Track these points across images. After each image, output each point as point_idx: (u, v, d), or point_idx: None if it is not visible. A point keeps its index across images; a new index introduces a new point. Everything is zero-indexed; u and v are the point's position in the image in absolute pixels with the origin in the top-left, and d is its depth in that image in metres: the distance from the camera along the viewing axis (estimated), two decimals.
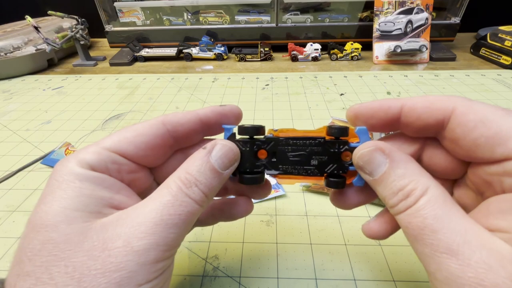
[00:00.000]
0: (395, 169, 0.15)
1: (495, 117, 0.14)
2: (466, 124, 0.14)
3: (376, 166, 0.15)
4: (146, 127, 0.17)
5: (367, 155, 0.16)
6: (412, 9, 0.65)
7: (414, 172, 0.15)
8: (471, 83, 0.56)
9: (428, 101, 0.15)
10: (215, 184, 0.16)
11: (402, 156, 0.15)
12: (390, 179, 0.15)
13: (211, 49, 0.71)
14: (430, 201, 0.13)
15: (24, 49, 0.68)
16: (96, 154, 0.15)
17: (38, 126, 0.48)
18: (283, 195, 0.32)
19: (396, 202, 0.14)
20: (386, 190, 0.15)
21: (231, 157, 0.17)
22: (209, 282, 0.24)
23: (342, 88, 0.56)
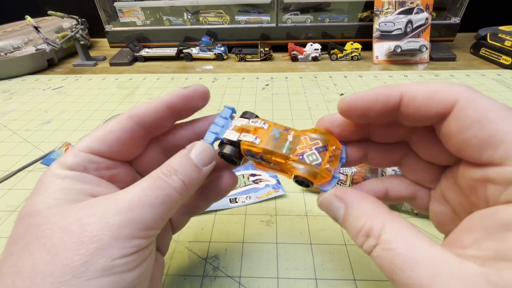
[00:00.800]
0: (350, 211, 0.15)
1: (495, 117, 0.12)
2: (463, 120, 0.13)
3: (336, 211, 0.16)
4: (114, 124, 0.18)
5: (325, 201, 0.17)
6: (412, 9, 0.65)
7: (368, 211, 0.15)
8: (471, 83, 0.56)
9: (429, 91, 0.14)
10: (194, 176, 0.17)
11: (356, 196, 0.16)
12: (349, 221, 0.15)
13: (211, 49, 0.71)
14: (390, 239, 0.13)
15: (24, 49, 0.68)
16: (74, 156, 0.17)
17: (38, 126, 0.48)
18: (283, 195, 0.32)
19: (361, 243, 0.14)
20: (350, 232, 0.15)
21: (209, 155, 0.18)
22: (209, 282, 0.24)
23: (342, 88, 0.56)
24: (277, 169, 0.19)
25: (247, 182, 0.33)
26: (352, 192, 0.16)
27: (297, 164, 0.17)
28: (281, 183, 0.33)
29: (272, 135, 0.19)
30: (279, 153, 0.18)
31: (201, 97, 0.20)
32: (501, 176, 0.12)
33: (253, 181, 0.33)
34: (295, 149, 0.18)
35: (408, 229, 0.13)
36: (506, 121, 0.12)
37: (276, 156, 0.18)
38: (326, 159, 0.17)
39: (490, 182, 0.13)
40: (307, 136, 0.19)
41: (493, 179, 0.13)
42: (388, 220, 0.14)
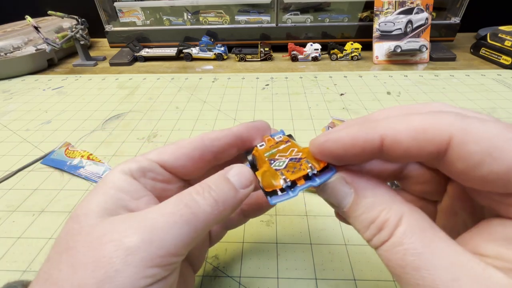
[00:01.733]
0: (362, 198, 0.13)
1: (505, 145, 0.10)
2: (469, 158, 0.11)
3: (341, 198, 0.14)
4: (186, 141, 0.18)
5: (329, 187, 0.14)
6: (412, 9, 0.65)
7: (383, 200, 0.13)
8: (471, 83, 0.56)
9: (414, 130, 0.12)
10: (230, 196, 0.15)
11: (369, 182, 0.14)
12: (359, 210, 0.13)
13: (211, 49, 0.71)
14: (407, 233, 0.12)
15: (24, 49, 0.68)
16: (138, 162, 0.17)
17: (38, 126, 0.48)
18: None
19: (370, 237, 0.13)
20: (358, 224, 0.13)
21: (248, 177, 0.17)
22: (209, 282, 0.24)
23: (342, 88, 0.56)
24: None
25: None
26: (364, 177, 0.14)
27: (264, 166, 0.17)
28: None
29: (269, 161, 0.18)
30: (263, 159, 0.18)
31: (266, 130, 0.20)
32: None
33: None
34: (275, 154, 0.18)
35: (427, 223, 0.12)
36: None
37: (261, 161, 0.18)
38: (289, 168, 0.16)
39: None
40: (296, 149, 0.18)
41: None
42: (406, 211, 0.12)
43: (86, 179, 0.36)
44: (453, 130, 0.11)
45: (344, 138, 0.13)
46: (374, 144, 0.13)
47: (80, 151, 0.40)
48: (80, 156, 0.39)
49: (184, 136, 0.43)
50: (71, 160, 0.38)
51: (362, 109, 0.48)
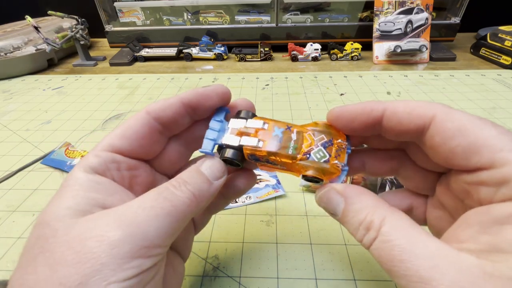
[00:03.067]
0: (351, 205, 0.15)
1: (472, 126, 0.14)
2: (444, 132, 0.14)
3: (335, 205, 0.16)
4: (132, 120, 0.18)
5: (324, 196, 0.17)
6: (412, 9, 0.65)
7: (368, 205, 0.15)
8: (471, 83, 0.56)
9: (409, 106, 0.15)
10: (205, 189, 0.16)
11: (356, 191, 0.16)
12: (349, 215, 0.15)
13: (211, 49, 0.71)
14: (390, 231, 0.13)
15: (24, 49, 0.68)
16: (96, 157, 0.16)
17: (38, 126, 0.48)
18: (283, 195, 0.32)
19: (361, 237, 0.15)
20: (350, 227, 0.15)
21: (220, 169, 0.18)
22: (209, 282, 0.24)
23: (342, 88, 0.56)
24: (284, 169, 0.18)
25: None
26: (351, 187, 0.16)
27: (305, 163, 0.17)
28: (281, 183, 0.33)
29: (275, 135, 0.18)
30: (285, 154, 0.18)
31: (218, 96, 0.19)
32: (492, 178, 0.13)
33: None
34: (300, 147, 0.18)
35: (407, 222, 0.14)
36: (483, 129, 0.13)
37: (282, 157, 0.18)
38: (333, 154, 0.17)
39: (482, 185, 0.14)
40: (310, 132, 0.18)
41: (485, 182, 0.13)
42: (388, 213, 0.14)
43: None
44: (437, 111, 0.15)
45: (356, 107, 0.17)
46: (377, 112, 0.16)
47: (80, 151, 0.40)
48: (80, 156, 0.39)
49: None
50: (71, 160, 0.38)
51: None
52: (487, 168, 0.13)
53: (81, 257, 0.12)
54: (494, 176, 0.13)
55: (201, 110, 0.19)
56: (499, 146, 0.13)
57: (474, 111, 0.46)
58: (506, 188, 0.13)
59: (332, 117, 0.18)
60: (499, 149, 0.13)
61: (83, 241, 0.13)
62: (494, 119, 0.44)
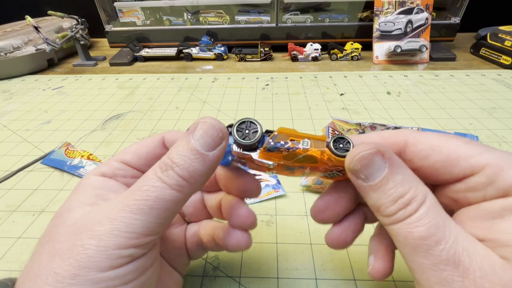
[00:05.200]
0: (394, 174, 0.14)
1: (441, 143, 0.15)
2: (419, 153, 0.15)
3: (375, 171, 0.14)
4: (148, 140, 0.19)
5: (367, 158, 0.14)
6: (412, 9, 0.65)
7: (412, 179, 0.14)
8: (471, 83, 0.56)
9: (382, 137, 0.17)
10: (198, 167, 0.15)
11: (400, 162, 0.15)
12: (389, 185, 0.14)
13: (211, 49, 0.71)
14: (430, 209, 0.13)
15: (24, 49, 0.68)
16: (107, 165, 0.18)
17: (38, 126, 0.48)
18: (283, 195, 0.32)
19: (395, 211, 0.14)
20: (384, 198, 0.14)
21: (215, 135, 0.15)
22: (209, 282, 0.24)
23: (342, 88, 0.56)
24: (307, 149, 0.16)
25: None
26: (396, 156, 0.15)
27: None
28: (281, 183, 0.33)
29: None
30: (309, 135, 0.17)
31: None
32: (477, 182, 0.14)
33: None
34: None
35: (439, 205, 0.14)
36: (450, 143, 0.15)
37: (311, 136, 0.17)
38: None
39: (470, 191, 0.14)
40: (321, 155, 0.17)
41: (472, 188, 0.14)
42: (429, 192, 0.14)
43: None
44: (407, 137, 0.16)
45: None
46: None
47: (80, 151, 0.40)
48: (80, 156, 0.39)
49: None
50: (71, 160, 0.38)
51: (362, 109, 0.48)
52: (470, 175, 0.14)
53: (73, 249, 0.13)
54: (478, 181, 0.14)
55: None
56: (469, 153, 0.14)
57: (474, 111, 0.46)
58: (493, 187, 0.14)
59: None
60: (470, 155, 0.14)
61: (78, 234, 0.14)
62: (494, 119, 0.44)
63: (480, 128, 0.42)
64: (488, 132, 0.41)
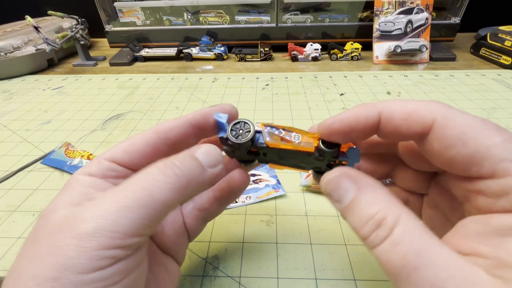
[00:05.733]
0: (363, 195, 0.14)
1: (474, 134, 0.13)
2: (444, 140, 0.13)
3: (344, 192, 0.14)
4: (138, 137, 0.18)
5: (334, 181, 0.15)
6: (412, 9, 0.65)
7: (383, 198, 0.14)
8: (471, 83, 0.56)
9: (406, 111, 0.14)
10: (196, 174, 0.15)
11: (370, 182, 0.14)
12: (358, 206, 0.14)
13: (211, 49, 0.71)
14: (406, 232, 0.12)
15: (24, 49, 0.68)
16: (97, 164, 0.17)
17: (38, 126, 0.48)
18: (283, 195, 0.32)
19: (368, 233, 0.13)
20: (356, 219, 0.14)
21: (216, 156, 0.17)
22: (209, 282, 0.24)
23: (342, 88, 0.56)
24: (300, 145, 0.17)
25: None
26: (366, 176, 0.15)
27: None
28: (281, 183, 0.33)
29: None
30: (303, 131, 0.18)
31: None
32: (491, 189, 0.13)
33: (253, 181, 0.33)
34: None
35: (421, 226, 0.13)
36: (485, 137, 0.13)
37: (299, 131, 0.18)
38: None
39: (481, 194, 0.13)
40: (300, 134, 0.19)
41: (484, 192, 0.13)
42: (404, 212, 0.13)
43: None
44: (437, 115, 0.14)
45: (349, 116, 0.15)
46: (374, 119, 0.15)
47: (80, 151, 0.40)
48: (80, 156, 0.39)
49: None
50: (71, 160, 0.38)
51: None
52: (487, 178, 0.13)
53: (54, 250, 0.13)
54: (493, 187, 0.12)
55: (209, 130, 0.19)
56: (502, 156, 0.12)
57: (474, 111, 0.46)
58: (505, 200, 0.12)
59: (325, 131, 0.16)
60: (501, 159, 0.12)
61: (60, 233, 0.13)
62: (494, 119, 0.44)
63: None
64: None
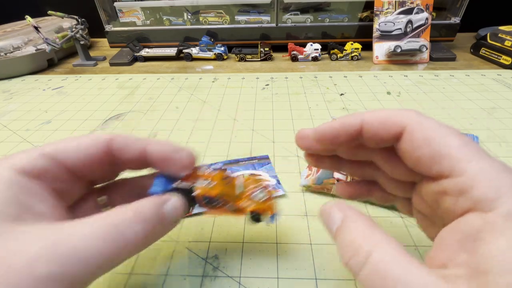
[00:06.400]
0: (347, 223, 0.15)
1: (437, 137, 0.14)
2: (412, 141, 0.15)
3: (333, 221, 0.16)
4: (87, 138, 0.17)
5: (327, 210, 0.17)
6: (412, 9, 0.65)
7: (364, 227, 0.15)
8: (471, 83, 0.56)
9: (384, 117, 0.16)
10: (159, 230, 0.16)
11: (356, 213, 0.16)
12: (342, 233, 0.15)
13: (211, 49, 0.71)
14: (384, 259, 0.13)
15: (24, 49, 0.68)
16: (34, 159, 0.15)
17: (38, 126, 0.48)
18: (283, 195, 0.32)
19: (348, 258, 0.14)
20: (339, 244, 0.15)
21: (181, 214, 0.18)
22: (209, 282, 0.24)
23: (342, 88, 0.56)
24: (231, 210, 0.21)
25: None
26: (353, 209, 0.16)
27: (248, 202, 0.21)
28: (281, 184, 0.33)
29: (224, 180, 0.21)
30: (234, 193, 0.21)
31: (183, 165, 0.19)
32: (451, 187, 0.14)
33: None
34: (245, 191, 0.22)
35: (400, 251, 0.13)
36: (446, 140, 0.14)
37: (231, 197, 0.21)
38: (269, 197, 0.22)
39: (445, 194, 0.14)
40: (251, 179, 0.23)
41: (447, 191, 0.14)
42: (380, 241, 0.14)
43: None
44: (408, 120, 0.15)
45: (336, 124, 0.18)
46: (356, 126, 0.17)
47: None
48: None
49: (184, 136, 0.43)
50: None
51: (362, 109, 0.48)
52: (447, 177, 0.14)
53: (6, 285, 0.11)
54: (452, 186, 0.13)
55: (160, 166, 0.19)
56: (459, 156, 0.13)
57: (474, 111, 0.46)
58: (464, 198, 0.13)
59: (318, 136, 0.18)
60: (457, 159, 0.13)
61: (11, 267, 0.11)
62: (494, 119, 0.44)
63: (480, 128, 0.42)
64: (488, 132, 0.41)
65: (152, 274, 0.25)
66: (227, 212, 0.21)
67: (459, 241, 0.13)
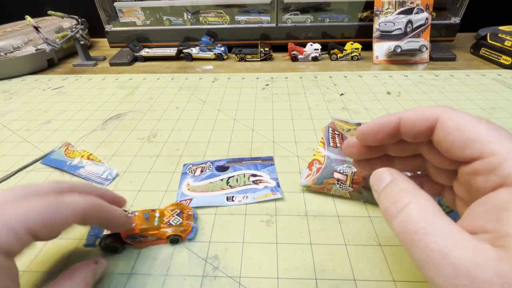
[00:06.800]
0: (394, 183, 0.18)
1: (468, 124, 0.16)
2: (445, 129, 0.17)
3: (382, 181, 0.18)
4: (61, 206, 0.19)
5: (379, 173, 0.19)
6: (412, 9, 0.65)
7: (408, 186, 0.17)
8: (471, 83, 0.56)
9: (418, 112, 0.18)
10: None
11: (402, 176, 0.18)
12: (388, 188, 0.18)
13: (211, 49, 0.71)
14: (420, 208, 0.15)
15: (24, 49, 0.68)
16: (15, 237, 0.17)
17: (38, 126, 0.48)
18: (280, 199, 0.32)
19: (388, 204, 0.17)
20: (383, 197, 0.18)
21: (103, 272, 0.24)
22: (209, 282, 0.24)
23: (342, 88, 0.56)
24: (154, 239, 0.26)
25: (247, 182, 0.33)
26: (399, 172, 0.19)
27: (167, 229, 0.26)
28: (280, 186, 0.33)
29: (144, 217, 0.27)
30: (153, 226, 0.26)
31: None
32: (482, 167, 0.15)
33: (253, 181, 0.33)
34: (162, 220, 0.27)
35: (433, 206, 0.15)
36: (476, 126, 0.16)
37: (151, 230, 0.26)
38: (184, 219, 0.27)
39: (476, 174, 0.16)
40: (169, 209, 0.28)
41: (477, 171, 0.16)
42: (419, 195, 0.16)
43: (86, 179, 0.36)
44: (440, 113, 0.17)
45: (377, 121, 0.20)
46: (395, 123, 0.19)
47: (80, 151, 0.40)
48: (80, 156, 0.39)
49: (184, 136, 0.43)
50: (71, 160, 0.38)
51: (362, 109, 0.48)
52: (477, 159, 0.15)
53: None
54: (483, 166, 0.15)
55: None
56: (487, 139, 0.15)
57: (474, 111, 0.46)
58: (494, 175, 0.15)
59: (360, 134, 0.21)
60: (487, 141, 0.15)
61: None
62: (494, 119, 0.44)
63: None
64: None
65: (152, 274, 0.25)
66: (151, 243, 0.26)
67: (488, 212, 0.14)
